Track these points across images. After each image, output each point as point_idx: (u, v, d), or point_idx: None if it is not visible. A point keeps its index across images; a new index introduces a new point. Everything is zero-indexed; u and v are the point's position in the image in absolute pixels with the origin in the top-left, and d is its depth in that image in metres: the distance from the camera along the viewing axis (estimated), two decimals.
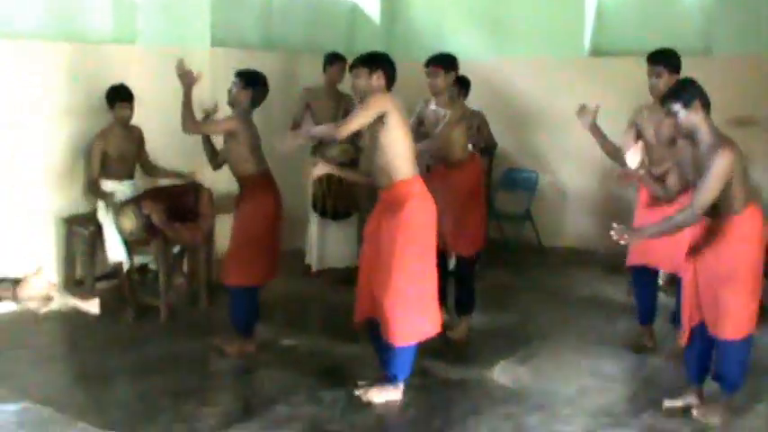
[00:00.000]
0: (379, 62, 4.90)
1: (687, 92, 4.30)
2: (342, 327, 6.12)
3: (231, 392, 5.10)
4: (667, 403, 4.71)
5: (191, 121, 5.47)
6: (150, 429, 4.45)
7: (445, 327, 5.63)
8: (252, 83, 5.55)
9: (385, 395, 4.82)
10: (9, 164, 6.49)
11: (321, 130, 5.31)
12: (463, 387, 5.09)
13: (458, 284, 6.12)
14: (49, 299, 2.64)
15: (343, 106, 7.90)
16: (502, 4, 9.52)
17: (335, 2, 9.86)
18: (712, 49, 8.31)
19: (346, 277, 7.59)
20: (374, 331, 4.89)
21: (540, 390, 5.08)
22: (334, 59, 7.78)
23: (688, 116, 4.27)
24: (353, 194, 7.80)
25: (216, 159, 5.89)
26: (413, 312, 4.71)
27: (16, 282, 2.60)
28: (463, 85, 7.67)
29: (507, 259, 8.10)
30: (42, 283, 2.62)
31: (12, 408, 2.97)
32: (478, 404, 4.83)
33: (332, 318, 6.54)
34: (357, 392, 4.84)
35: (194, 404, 4.80)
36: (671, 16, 8.76)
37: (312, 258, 7.87)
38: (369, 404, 4.76)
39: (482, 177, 6.36)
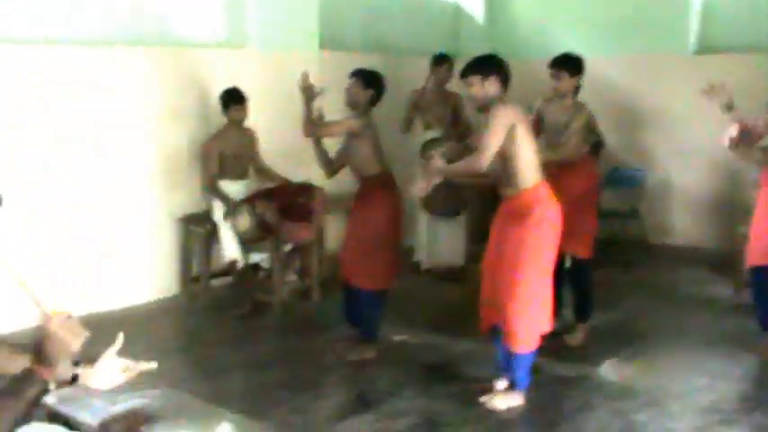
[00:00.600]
0: (490, 66, 4.71)
1: None
2: (451, 323, 6.26)
3: (345, 386, 5.23)
4: None
5: (311, 125, 5.50)
6: (269, 420, 4.61)
7: (560, 332, 5.72)
8: (371, 82, 5.50)
9: (508, 401, 4.78)
10: (127, 165, 6.78)
11: (460, 166, 4.84)
12: (573, 383, 5.14)
13: (575, 289, 5.99)
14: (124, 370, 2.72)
15: (450, 106, 8.02)
16: (606, 1, 9.49)
17: (439, 3, 9.98)
18: None
19: (455, 275, 7.71)
20: (497, 337, 4.85)
21: (649, 387, 5.09)
22: (441, 60, 7.90)
23: None
24: (462, 193, 7.89)
25: (331, 166, 5.78)
26: (535, 319, 4.66)
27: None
28: None
29: (614, 257, 8.06)
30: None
31: (151, 393, 3.16)
32: (588, 400, 4.87)
33: (441, 314, 6.64)
34: (482, 399, 4.78)
35: (309, 397, 4.96)
36: None
37: (421, 256, 8.00)
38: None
39: (597, 178, 6.22)
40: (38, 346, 2.30)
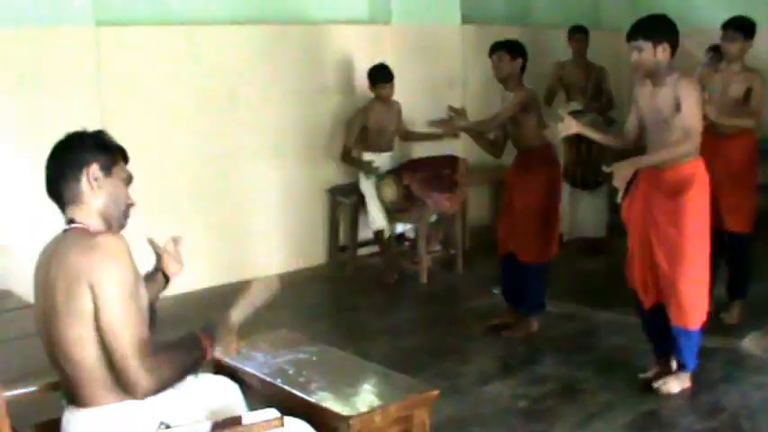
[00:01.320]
0: (663, 33, 4.30)
1: None
2: (593, 294, 6.32)
3: (488, 353, 5.37)
4: None
5: (495, 122, 5.58)
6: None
7: (715, 310, 5.50)
8: (518, 51, 5.43)
9: (681, 384, 4.64)
10: (277, 139, 7.09)
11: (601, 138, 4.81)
12: (715, 355, 5.11)
13: (732, 265, 5.82)
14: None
15: (593, 78, 8.04)
16: None
17: None
18: None
19: (595, 246, 7.75)
20: (655, 319, 4.66)
21: None
22: (574, 31, 7.97)
23: None
24: (604, 163, 7.87)
25: (497, 147, 5.75)
26: (703, 293, 4.54)
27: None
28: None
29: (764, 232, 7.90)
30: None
31: (309, 348, 3.41)
32: (729, 372, 4.89)
33: (583, 286, 6.72)
34: (655, 385, 4.61)
35: (453, 362, 5.15)
36: None
37: (563, 228, 8.05)
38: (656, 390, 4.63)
39: (756, 150, 5.86)
40: (211, 325, 2.66)
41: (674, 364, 4.72)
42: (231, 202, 6.84)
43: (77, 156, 2.57)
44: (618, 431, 4.23)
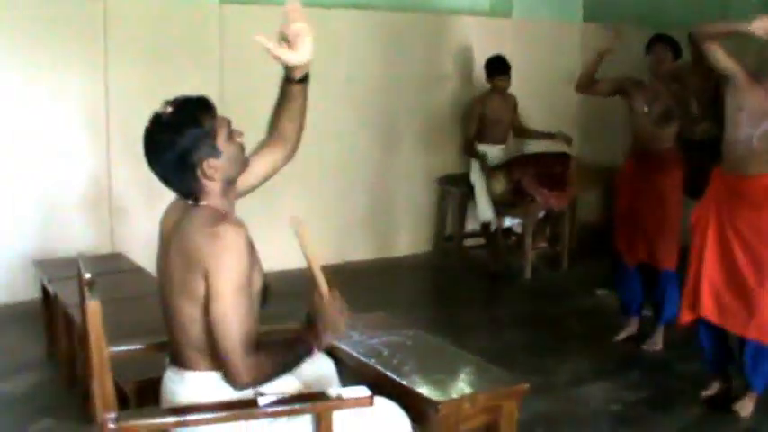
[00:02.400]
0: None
1: None
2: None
3: (585, 354, 5.32)
4: None
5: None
6: None
7: None
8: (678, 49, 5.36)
9: (751, 406, 4.43)
10: (391, 127, 7.20)
11: None
12: None
13: None
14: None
15: (712, 83, 7.85)
16: None
17: None
18: None
19: None
20: (719, 339, 4.54)
21: None
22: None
23: None
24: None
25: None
26: None
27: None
28: None
29: None
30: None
31: (405, 332, 3.47)
32: None
33: None
34: (735, 407, 4.39)
35: (550, 360, 5.13)
36: None
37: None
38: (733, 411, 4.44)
39: None
40: (311, 318, 2.61)
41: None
42: (341, 186, 6.95)
43: (180, 156, 2.50)
44: None
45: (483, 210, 6.98)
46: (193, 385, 2.60)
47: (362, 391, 2.64)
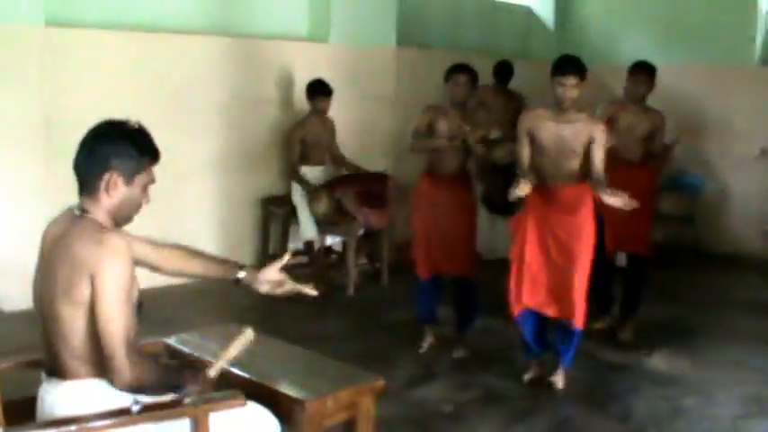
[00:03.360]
0: (585, 71, 4.88)
1: None
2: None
3: (414, 360, 5.64)
4: None
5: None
6: None
7: (611, 327, 6.25)
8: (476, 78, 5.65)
9: (563, 379, 5.19)
10: (212, 148, 7.32)
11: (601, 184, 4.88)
12: (624, 370, 5.56)
13: (629, 286, 6.31)
14: (282, 283, 3.27)
15: (513, 106, 8.42)
16: (675, 9, 9.77)
17: (512, 6, 10.37)
18: None
19: None
20: (539, 326, 5.24)
21: (696, 377, 5.48)
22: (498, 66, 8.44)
23: None
24: None
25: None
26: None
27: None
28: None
29: (669, 260, 8.38)
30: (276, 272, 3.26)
31: (261, 341, 3.63)
32: (638, 385, 5.29)
33: (501, 301, 7.03)
34: (552, 378, 5.16)
35: (382, 366, 5.35)
36: None
37: (482, 249, 8.37)
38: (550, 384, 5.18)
39: (658, 178, 6.62)
40: (194, 372, 2.93)
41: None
42: (167, 207, 6.98)
43: (105, 155, 2.69)
44: None
45: (306, 229, 7.20)
46: (75, 395, 2.70)
47: (235, 393, 2.82)
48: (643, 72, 6.14)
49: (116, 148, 2.71)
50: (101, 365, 2.67)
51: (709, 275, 8.40)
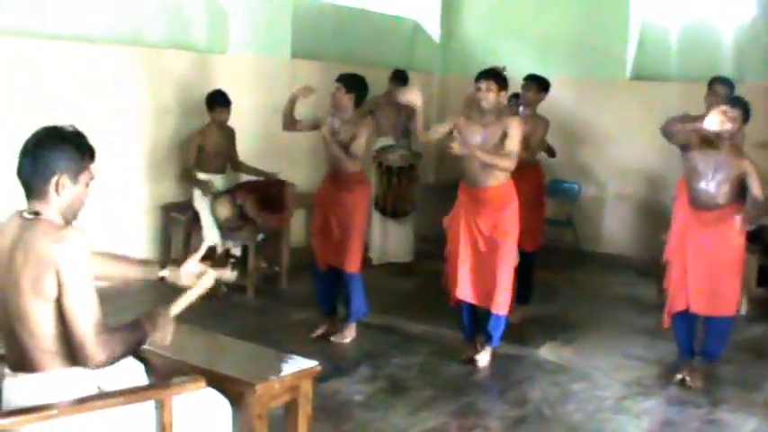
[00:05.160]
0: (505, 82, 5.63)
1: None
2: (407, 309, 7.04)
3: (320, 356, 5.85)
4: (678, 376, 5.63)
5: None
6: None
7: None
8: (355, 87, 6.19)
9: (488, 357, 5.86)
10: (115, 156, 7.37)
11: (496, 160, 5.48)
12: (519, 360, 6.01)
13: (520, 278, 6.62)
14: (203, 274, 3.50)
15: (404, 115, 8.79)
16: (549, 27, 10.34)
17: (399, 21, 10.77)
18: (744, 77, 8.87)
19: (404, 270, 8.51)
20: (471, 314, 5.91)
21: (581, 365, 5.97)
22: (393, 76, 8.85)
23: None
24: (412, 195, 8.72)
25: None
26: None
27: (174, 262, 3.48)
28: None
29: (551, 261, 8.88)
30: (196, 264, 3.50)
31: (201, 334, 3.84)
32: (531, 374, 5.74)
33: (397, 302, 7.41)
34: (476, 357, 5.81)
35: None
36: (708, 46, 9.58)
37: (373, 253, 8.72)
38: (474, 363, 5.79)
39: (544, 181, 7.29)
40: (151, 316, 3.13)
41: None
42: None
43: (50, 159, 2.89)
44: (443, 418, 4.94)
45: (208, 234, 7.37)
46: (37, 388, 2.88)
47: (195, 378, 3.07)
48: (534, 80, 7.00)
49: (60, 153, 2.91)
50: (70, 356, 2.86)
51: (589, 274, 9.00)
